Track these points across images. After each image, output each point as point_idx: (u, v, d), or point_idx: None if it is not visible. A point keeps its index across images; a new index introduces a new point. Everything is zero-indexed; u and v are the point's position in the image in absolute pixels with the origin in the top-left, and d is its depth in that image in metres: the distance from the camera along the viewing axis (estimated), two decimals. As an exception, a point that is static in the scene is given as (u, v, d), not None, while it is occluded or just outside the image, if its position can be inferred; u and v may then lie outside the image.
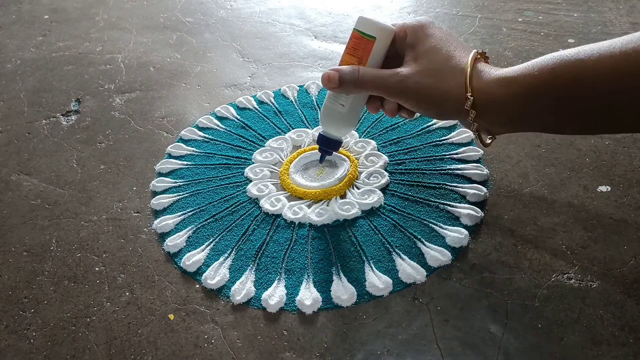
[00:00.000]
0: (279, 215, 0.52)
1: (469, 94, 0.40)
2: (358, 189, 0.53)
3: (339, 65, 0.46)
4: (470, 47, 0.44)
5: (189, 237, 0.51)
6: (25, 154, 0.65)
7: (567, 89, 0.37)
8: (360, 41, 0.44)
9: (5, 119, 0.72)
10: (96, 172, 0.61)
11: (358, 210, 0.51)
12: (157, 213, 0.54)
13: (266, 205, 0.53)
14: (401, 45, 0.45)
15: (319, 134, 0.50)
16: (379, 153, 0.57)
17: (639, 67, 0.34)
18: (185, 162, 0.60)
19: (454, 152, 0.56)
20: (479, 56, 0.42)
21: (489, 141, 0.45)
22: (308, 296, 0.44)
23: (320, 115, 0.49)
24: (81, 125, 0.69)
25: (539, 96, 0.39)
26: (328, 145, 0.50)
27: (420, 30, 0.43)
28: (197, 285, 0.47)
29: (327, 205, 0.52)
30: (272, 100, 0.68)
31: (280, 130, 0.63)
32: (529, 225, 0.47)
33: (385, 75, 0.43)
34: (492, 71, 0.41)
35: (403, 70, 0.43)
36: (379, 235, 0.48)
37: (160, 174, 0.59)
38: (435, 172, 0.54)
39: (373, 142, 0.58)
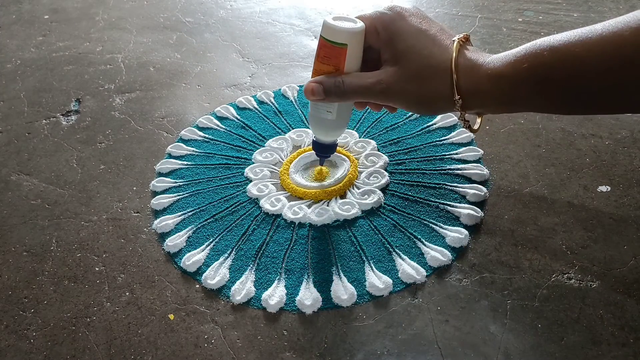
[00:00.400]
0: (279, 215, 0.52)
1: (456, 98, 0.40)
2: (358, 189, 0.53)
3: (313, 74, 0.44)
4: (450, 32, 0.42)
5: (189, 237, 0.51)
6: (25, 154, 0.65)
7: (560, 79, 0.37)
8: (331, 50, 0.42)
9: (5, 119, 0.72)
10: (96, 172, 0.61)
11: (358, 210, 0.51)
12: (157, 213, 0.54)
13: (266, 205, 0.53)
14: (373, 41, 0.43)
15: (313, 140, 0.50)
16: (379, 153, 0.57)
17: (632, 50, 0.33)
18: (185, 162, 0.60)
19: (454, 152, 0.56)
20: (462, 43, 0.41)
21: (477, 126, 0.45)
22: (308, 296, 0.44)
23: (310, 124, 0.48)
24: (81, 125, 0.69)
25: (530, 88, 0.38)
26: (324, 151, 0.50)
27: (392, 25, 0.41)
28: (197, 285, 0.47)
29: (327, 205, 0.52)
30: (272, 100, 0.68)
31: (280, 130, 0.63)
32: (529, 225, 0.47)
33: (369, 84, 0.42)
34: (480, 61, 0.40)
35: (385, 75, 0.41)
36: (379, 235, 0.48)
37: (160, 174, 0.59)
38: (435, 172, 0.54)
39: (373, 142, 0.58)
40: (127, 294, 0.47)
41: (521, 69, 0.38)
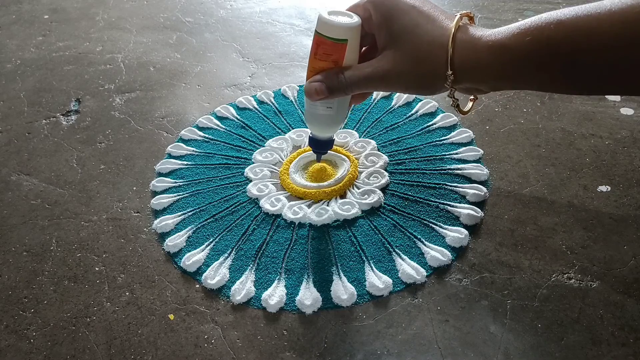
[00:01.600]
0: (279, 215, 0.52)
1: (448, 73, 0.38)
2: (358, 188, 0.53)
3: (309, 72, 0.44)
4: (444, 10, 0.41)
5: (189, 237, 0.51)
6: (25, 154, 0.65)
7: (565, 53, 0.35)
8: (331, 46, 0.41)
9: (5, 119, 0.72)
10: (96, 172, 0.61)
11: (358, 210, 0.51)
12: (157, 213, 0.54)
13: (266, 205, 0.53)
14: (369, 26, 0.42)
15: (310, 137, 0.49)
16: (379, 153, 0.57)
17: (638, 28, 0.33)
18: (185, 162, 0.60)
19: (454, 152, 0.56)
20: (462, 21, 0.39)
21: (467, 109, 0.44)
22: (308, 296, 0.44)
23: (307, 121, 0.48)
24: (81, 125, 0.69)
25: (533, 62, 0.37)
26: (322, 147, 0.49)
27: (384, 5, 0.40)
28: (197, 285, 0.47)
29: (327, 205, 0.52)
30: (272, 100, 0.68)
31: (280, 130, 0.63)
32: (529, 225, 0.47)
33: (369, 74, 0.41)
34: (479, 34, 0.38)
35: (383, 62, 0.41)
36: (379, 235, 0.48)
37: (160, 174, 0.59)
38: (435, 172, 0.54)
39: (373, 142, 0.58)
40: (127, 294, 0.47)
41: (525, 42, 0.36)
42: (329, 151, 0.52)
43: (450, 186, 0.52)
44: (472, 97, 0.45)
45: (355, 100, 0.48)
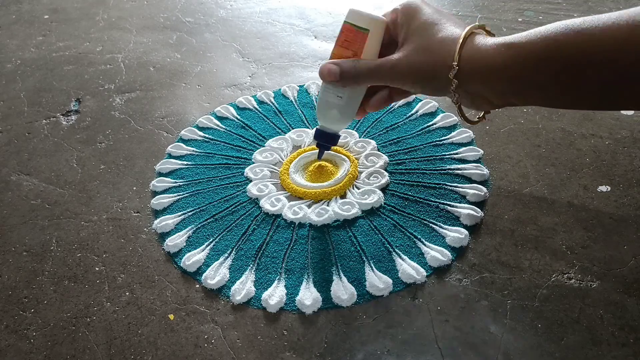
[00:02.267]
0: (279, 215, 0.52)
1: (454, 63, 0.39)
2: (358, 188, 0.53)
3: (331, 57, 0.45)
4: (465, 23, 0.42)
5: (189, 237, 0.51)
6: (25, 154, 0.65)
7: (571, 58, 0.36)
8: (353, 34, 0.44)
9: (5, 119, 0.72)
10: (96, 172, 0.61)
11: (358, 210, 0.51)
12: (157, 213, 0.54)
13: (266, 205, 0.53)
14: (395, 29, 0.44)
15: (316, 129, 0.49)
16: (379, 153, 0.57)
17: None
18: (185, 162, 0.60)
19: (454, 152, 0.56)
20: (477, 29, 0.41)
21: (477, 119, 0.44)
22: (308, 296, 0.44)
23: (317, 109, 0.48)
24: (81, 125, 0.69)
25: (539, 63, 0.37)
26: (326, 140, 0.49)
27: (410, 9, 0.43)
28: (197, 285, 0.47)
29: (327, 205, 0.52)
30: (272, 100, 0.68)
31: (280, 130, 0.63)
32: (529, 225, 0.47)
33: (379, 64, 0.43)
34: (490, 38, 0.40)
35: (396, 55, 0.42)
36: (379, 235, 0.48)
37: (160, 174, 0.59)
38: (435, 172, 0.54)
39: (373, 142, 0.58)
40: (127, 294, 0.47)
41: (533, 42, 0.37)
42: (329, 151, 0.52)
43: (450, 186, 0.52)
44: (480, 115, 0.45)
45: (371, 108, 0.48)
